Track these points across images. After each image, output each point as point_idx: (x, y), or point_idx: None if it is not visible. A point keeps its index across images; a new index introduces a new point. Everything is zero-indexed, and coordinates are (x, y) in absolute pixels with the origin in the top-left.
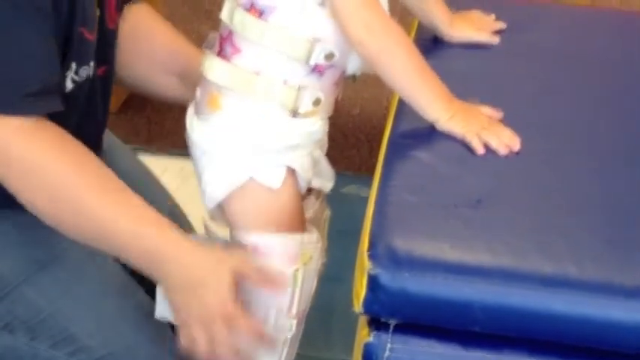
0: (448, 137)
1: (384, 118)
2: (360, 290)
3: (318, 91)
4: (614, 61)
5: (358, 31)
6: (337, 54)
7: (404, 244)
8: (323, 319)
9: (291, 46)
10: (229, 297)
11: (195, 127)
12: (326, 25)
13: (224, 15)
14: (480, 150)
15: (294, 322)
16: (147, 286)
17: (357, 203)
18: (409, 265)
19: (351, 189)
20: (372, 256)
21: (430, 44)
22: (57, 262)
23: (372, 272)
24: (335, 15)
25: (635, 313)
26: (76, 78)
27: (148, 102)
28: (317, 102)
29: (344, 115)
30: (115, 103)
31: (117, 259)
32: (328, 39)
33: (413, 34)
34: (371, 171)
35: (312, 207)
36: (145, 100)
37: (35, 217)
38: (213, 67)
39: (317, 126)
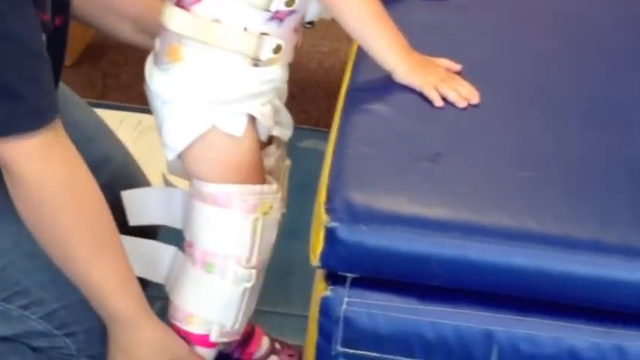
0: (406, 90)
1: (343, 72)
2: (317, 244)
3: (279, 38)
4: (575, 14)
5: None
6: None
7: (361, 197)
8: (281, 275)
9: None
10: None
11: (155, 78)
12: None
13: None
14: (438, 102)
15: (254, 272)
16: None
17: (315, 158)
18: (367, 218)
19: (308, 143)
20: (329, 210)
21: None
22: (7, 215)
23: (329, 225)
24: None
25: (592, 267)
26: None
27: (104, 55)
28: (277, 49)
29: (302, 69)
30: (70, 56)
31: None
32: None
33: None
34: (329, 126)
35: (272, 155)
36: (100, 54)
37: None
38: (173, 17)
39: (277, 74)
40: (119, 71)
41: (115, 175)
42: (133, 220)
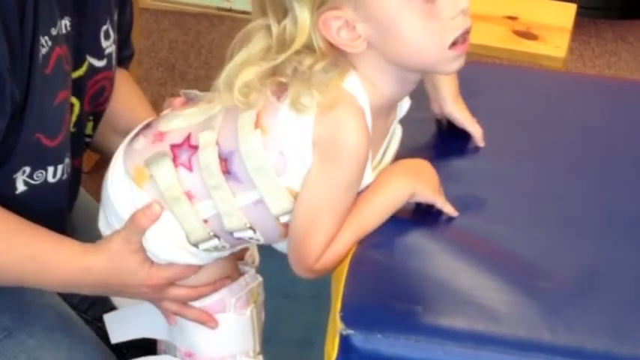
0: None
1: None
2: (332, 351)
3: (230, 246)
4: (588, 127)
5: (304, 273)
6: (262, 240)
7: (377, 305)
8: None
9: (229, 216)
10: (145, 274)
11: (115, 182)
12: (266, 223)
13: (203, 138)
14: (455, 213)
15: (261, 358)
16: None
17: None
18: (382, 326)
19: None
20: (345, 317)
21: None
22: (24, 329)
23: (345, 333)
24: (290, 246)
25: None
26: (31, 181)
27: None
28: (221, 249)
29: None
30: (88, 162)
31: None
32: (261, 231)
33: None
34: None
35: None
36: None
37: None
38: (160, 168)
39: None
40: None
41: None
42: (114, 339)
